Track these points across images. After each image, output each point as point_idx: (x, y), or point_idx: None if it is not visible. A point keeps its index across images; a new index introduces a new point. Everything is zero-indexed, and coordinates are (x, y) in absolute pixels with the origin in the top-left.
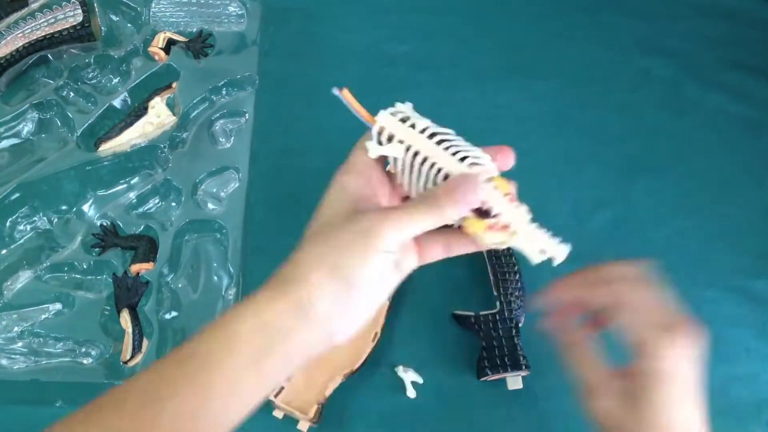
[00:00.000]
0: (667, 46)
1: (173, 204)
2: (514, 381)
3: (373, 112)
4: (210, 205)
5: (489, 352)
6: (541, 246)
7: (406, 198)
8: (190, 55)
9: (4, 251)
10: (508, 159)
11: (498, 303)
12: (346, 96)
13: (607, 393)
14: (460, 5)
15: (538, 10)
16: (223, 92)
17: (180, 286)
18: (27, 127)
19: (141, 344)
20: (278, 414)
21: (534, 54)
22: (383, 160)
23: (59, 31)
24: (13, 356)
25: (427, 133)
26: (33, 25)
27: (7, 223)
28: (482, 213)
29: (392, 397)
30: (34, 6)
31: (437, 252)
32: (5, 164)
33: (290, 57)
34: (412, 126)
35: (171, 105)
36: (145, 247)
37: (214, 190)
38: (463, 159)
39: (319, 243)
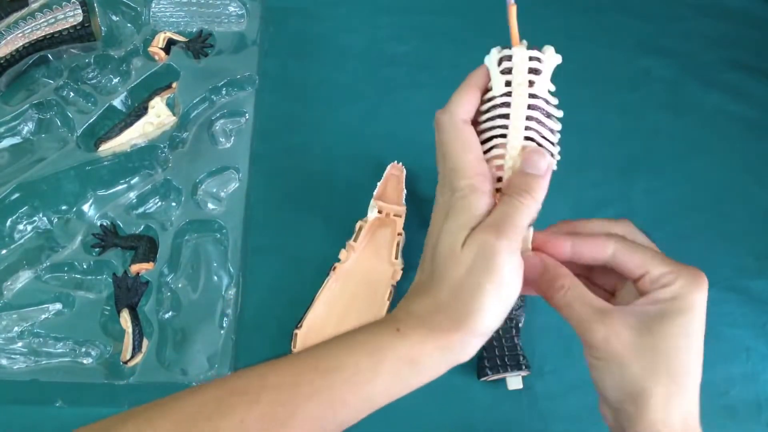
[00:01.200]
0: (667, 46)
1: (173, 204)
2: (514, 381)
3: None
4: (210, 205)
5: (489, 352)
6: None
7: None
8: (190, 55)
9: (4, 251)
10: None
11: None
12: (512, 12)
13: (609, 324)
14: (460, 5)
15: (538, 10)
16: (223, 92)
17: (180, 286)
18: (27, 127)
19: (141, 344)
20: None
21: None
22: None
23: (59, 31)
24: (13, 356)
25: (531, 100)
26: (33, 25)
27: (7, 223)
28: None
29: None
30: (34, 6)
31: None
32: (5, 164)
33: (290, 57)
34: (531, 83)
35: (171, 105)
36: (145, 247)
37: (214, 190)
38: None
39: (455, 278)
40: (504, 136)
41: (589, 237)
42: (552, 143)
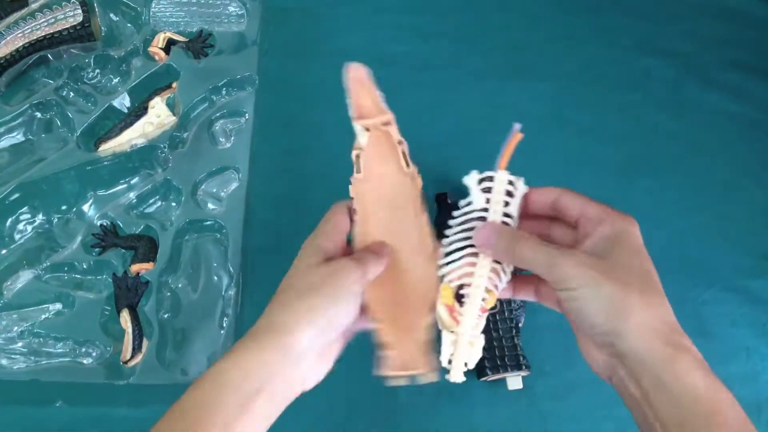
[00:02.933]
0: (667, 46)
1: (173, 204)
2: (514, 381)
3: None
4: (210, 205)
5: (489, 352)
6: (453, 359)
7: None
8: (190, 55)
9: (4, 251)
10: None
11: (498, 303)
12: (516, 138)
13: (572, 254)
14: (460, 5)
15: (538, 10)
16: (223, 92)
17: (180, 286)
18: (27, 127)
19: (141, 344)
20: (398, 380)
21: (534, 54)
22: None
23: (59, 31)
24: (13, 356)
25: (504, 218)
26: (33, 25)
27: (7, 223)
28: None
29: (392, 396)
30: (34, 6)
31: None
32: (5, 164)
33: (290, 57)
34: (506, 203)
35: (171, 105)
36: (145, 247)
37: (214, 190)
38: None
39: (294, 290)
40: (476, 255)
41: (540, 188)
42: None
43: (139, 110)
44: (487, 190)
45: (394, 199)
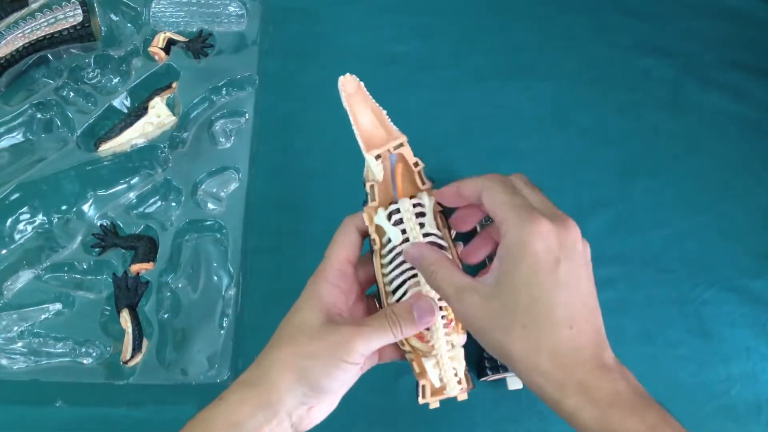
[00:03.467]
0: (667, 46)
1: (173, 204)
2: (514, 381)
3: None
4: (210, 205)
5: (489, 353)
6: (443, 377)
7: (369, 303)
8: (190, 55)
9: (4, 251)
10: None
11: None
12: (398, 168)
13: (462, 299)
14: (460, 5)
15: (538, 10)
16: (223, 92)
17: (180, 286)
18: (27, 127)
19: (141, 344)
20: (435, 405)
21: (534, 54)
22: (355, 264)
23: (59, 31)
24: (13, 356)
25: (426, 238)
26: (33, 25)
27: (7, 223)
28: None
29: (393, 396)
30: (34, 6)
31: (394, 353)
32: (5, 164)
33: (290, 57)
34: (421, 225)
35: (171, 105)
36: (145, 247)
37: (214, 190)
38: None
39: (290, 349)
40: (416, 275)
41: (469, 180)
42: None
43: (139, 110)
44: (399, 222)
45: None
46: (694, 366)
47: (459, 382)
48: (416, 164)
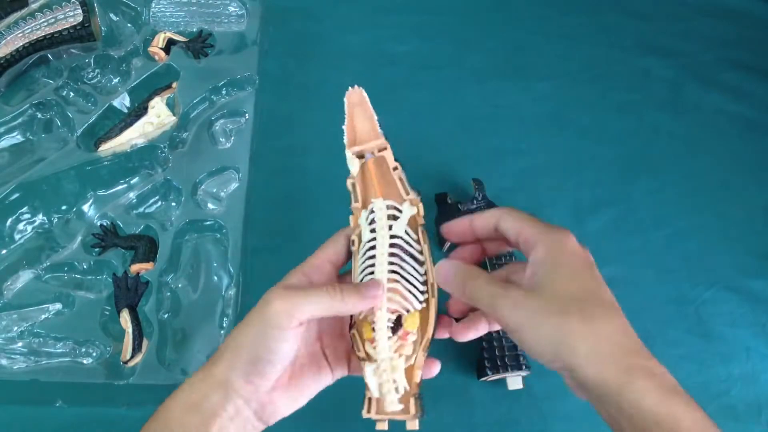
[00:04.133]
0: (667, 46)
1: (173, 204)
2: (514, 381)
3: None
4: (210, 205)
5: (489, 353)
6: (381, 389)
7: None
8: (190, 55)
9: (4, 251)
10: (432, 369)
11: None
12: (371, 168)
13: (508, 297)
14: (460, 5)
15: (538, 10)
16: (223, 92)
17: (180, 286)
18: (27, 127)
19: (141, 344)
20: (382, 426)
21: (534, 54)
22: (337, 266)
23: (59, 31)
24: (13, 356)
25: (392, 239)
26: (33, 25)
27: (7, 223)
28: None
29: None
30: (34, 6)
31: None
32: (5, 164)
33: (290, 57)
34: (390, 227)
35: (171, 105)
36: (145, 246)
37: (214, 190)
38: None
39: (237, 327)
40: (373, 273)
41: (482, 213)
42: (415, 277)
43: (139, 110)
44: (372, 221)
45: None
46: (694, 366)
47: (401, 401)
48: (395, 168)
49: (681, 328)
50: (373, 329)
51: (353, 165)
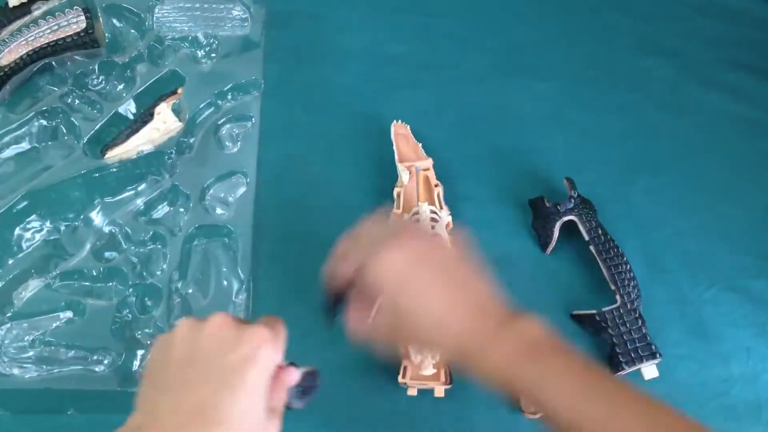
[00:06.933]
0: (667, 46)
1: (181, 210)
2: (650, 370)
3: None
4: (218, 210)
5: (622, 347)
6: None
7: None
8: (196, 60)
9: (12, 260)
10: None
11: (618, 297)
12: (421, 176)
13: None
14: (460, 5)
15: (538, 10)
16: (229, 96)
17: (190, 291)
18: (33, 136)
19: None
20: (412, 392)
21: (534, 54)
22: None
23: (63, 38)
24: (24, 365)
25: None
26: (36, 32)
27: (15, 232)
28: None
29: (394, 398)
30: (36, 13)
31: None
32: (12, 173)
33: (294, 59)
34: (432, 227)
35: (177, 111)
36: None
37: (222, 195)
38: None
39: None
40: None
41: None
42: None
43: (145, 116)
44: (417, 221)
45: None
46: (694, 366)
47: (435, 367)
48: (436, 185)
49: (681, 328)
50: None
51: (405, 175)
